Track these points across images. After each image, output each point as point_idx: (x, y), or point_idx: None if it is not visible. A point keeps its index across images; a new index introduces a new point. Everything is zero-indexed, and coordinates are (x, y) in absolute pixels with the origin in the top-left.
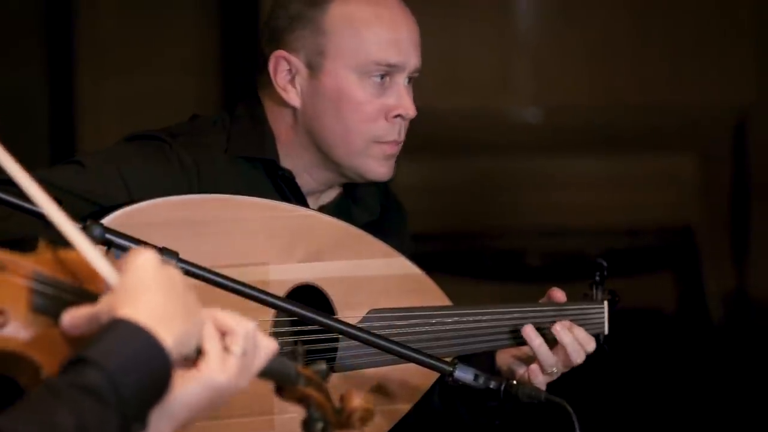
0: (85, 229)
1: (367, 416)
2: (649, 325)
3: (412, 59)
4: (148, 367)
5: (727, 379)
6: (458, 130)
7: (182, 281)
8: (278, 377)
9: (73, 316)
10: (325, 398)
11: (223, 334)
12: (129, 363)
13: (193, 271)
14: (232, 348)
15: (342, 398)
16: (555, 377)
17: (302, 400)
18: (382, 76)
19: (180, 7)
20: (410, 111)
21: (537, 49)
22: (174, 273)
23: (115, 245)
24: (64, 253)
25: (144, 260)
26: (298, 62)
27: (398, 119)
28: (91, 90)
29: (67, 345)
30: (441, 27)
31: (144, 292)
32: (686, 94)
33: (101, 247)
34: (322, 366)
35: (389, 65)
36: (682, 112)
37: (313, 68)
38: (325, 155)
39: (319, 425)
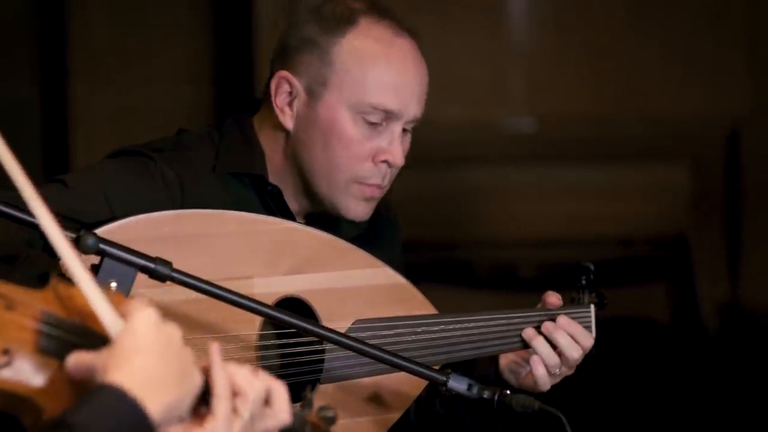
0: (79, 239)
1: None
2: (642, 335)
3: (411, 109)
4: None
5: (721, 388)
6: (452, 139)
7: (180, 341)
8: (283, 428)
9: (77, 362)
10: None
11: (235, 394)
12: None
13: (187, 282)
14: (240, 411)
15: None
16: (559, 379)
17: None
18: (379, 119)
19: (173, 15)
20: (397, 160)
21: (531, 60)
22: (173, 332)
23: (108, 255)
24: (75, 290)
25: (144, 318)
26: (299, 86)
27: (384, 164)
28: (84, 99)
29: (70, 387)
30: (434, 37)
31: (138, 356)
32: (679, 103)
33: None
34: (330, 413)
35: (385, 110)
36: (675, 121)
37: (313, 96)
38: (307, 184)
39: None
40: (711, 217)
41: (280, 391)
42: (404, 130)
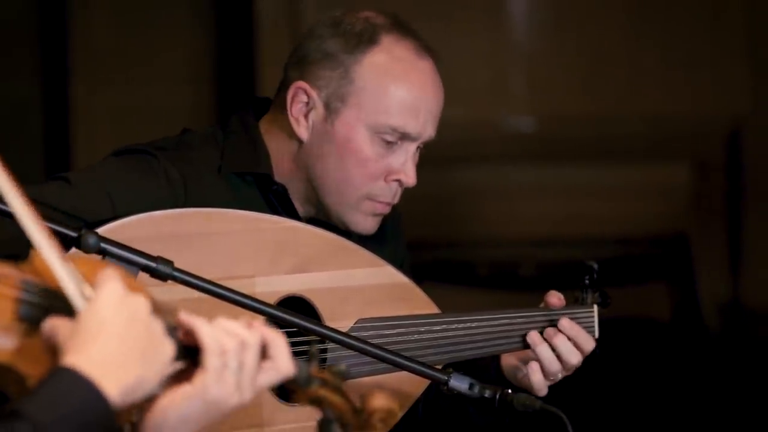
0: (80, 238)
1: (388, 417)
2: (643, 335)
3: (428, 130)
4: (86, 420)
5: (722, 387)
6: (452, 139)
7: (147, 315)
8: (287, 380)
9: (51, 329)
10: (343, 399)
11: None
12: (65, 417)
13: (188, 281)
14: (229, 363)
15: (363, 398)
16: (557, 380)
17: (315, 402)
18: (395, 139)
19: (174, 16)
20: (410, 181)
21: (531, 60)
22: (138, 306)
23: (109, 254)
24: None
25: (107, 296)
26: (317, 99)
27: (396, 183)
28: (85, 99)
29: (50, 352)
30: (435, 37)
31: (98, 339)
32: (680, 103)
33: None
34: (341, 367)
35: (404, 133)
36: (676, 121)
37: (330, 110)
38: (315, 194)
39: (336, 427)
40: (712, 216)
41: (277, 342)
42: (416, 148)
